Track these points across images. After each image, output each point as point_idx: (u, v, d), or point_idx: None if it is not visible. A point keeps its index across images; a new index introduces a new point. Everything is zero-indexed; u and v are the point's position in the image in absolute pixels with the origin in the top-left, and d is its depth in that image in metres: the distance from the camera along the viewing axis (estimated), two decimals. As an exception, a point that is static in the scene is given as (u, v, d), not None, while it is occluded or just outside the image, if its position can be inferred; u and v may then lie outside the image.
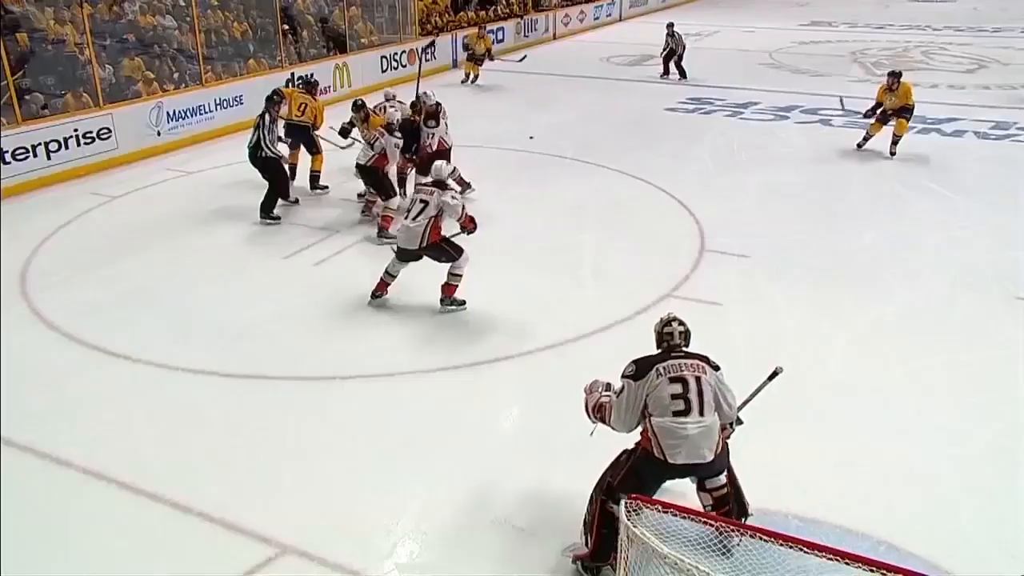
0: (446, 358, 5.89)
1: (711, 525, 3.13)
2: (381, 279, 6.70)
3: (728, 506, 3.86)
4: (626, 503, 3.08)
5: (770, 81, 16.00)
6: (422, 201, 6.37)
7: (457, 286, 6.55)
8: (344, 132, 9.33)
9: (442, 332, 6.31)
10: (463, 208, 6.45)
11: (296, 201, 9.02)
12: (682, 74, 16.26)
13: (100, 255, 7.75)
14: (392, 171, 8.89)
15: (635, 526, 2.98)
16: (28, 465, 4.70)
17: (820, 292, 6.93)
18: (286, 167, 8.73)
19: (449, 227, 6.54)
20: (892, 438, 4.95)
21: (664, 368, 3.74)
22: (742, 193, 9.49)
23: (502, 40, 19.47)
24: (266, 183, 8.52)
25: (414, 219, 6.35)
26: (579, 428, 5.00)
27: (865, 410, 5.23)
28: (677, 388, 3.69)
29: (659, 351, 3.88)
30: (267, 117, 8.30)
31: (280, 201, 8.65)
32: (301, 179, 9.58)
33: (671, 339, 3.87)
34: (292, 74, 13.42)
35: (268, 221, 8.49)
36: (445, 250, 6.45)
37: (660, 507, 3.19)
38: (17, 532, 4.18)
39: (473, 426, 5.13)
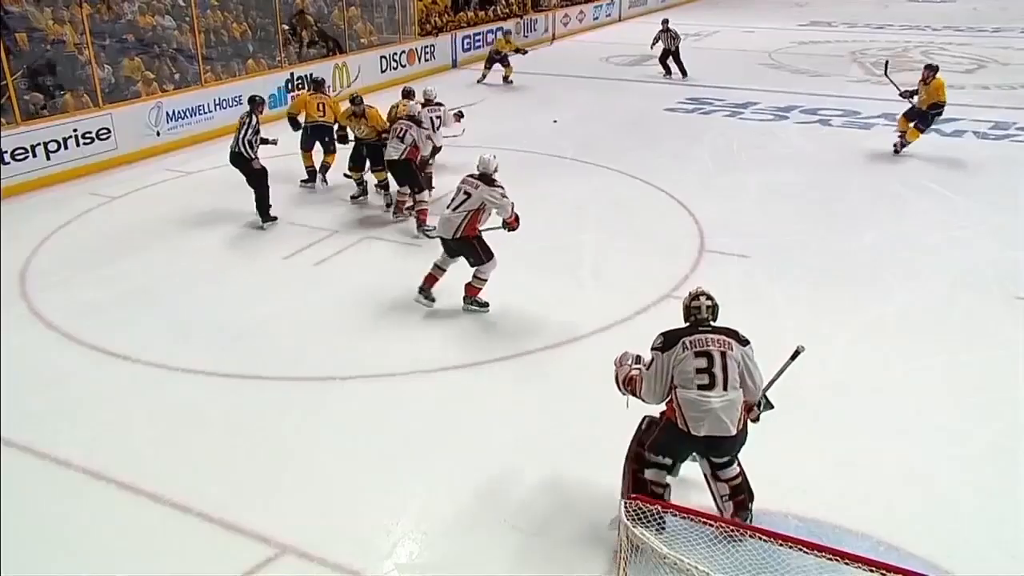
0: (446, 358, 5.89)
1: (711, 525, 3.14)
2: (430, 272, 6.61)
3: (743, 495, 3.97)
4: (625, 503, 3.09)
5: (769, 81, 16.00)
6: (465, 193, 6.30)
7: (480, 289, 6.51)
8: (342, 139, 9.35)
9: (442, 332, 6.31)
10: (513, 206, 6.35)
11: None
12: (683, 72, 16.27)
13: (99, 255, 7.75)
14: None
15: (635, 526, 2.99)
16: (28, 465, 4.69)
17: (820, 292, 6.93)
18: (265, 168, 8.47)
19: (488, 222, 6.46)
20: (892, 438, 4.95)
21: (690, 342, 3.83)
22: (742, 193, 9.49)
23: (501, 40, 19.47)
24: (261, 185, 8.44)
25: (454, 209, 6.29)
26: (580, 428, 5.03)
27: (865, 410, 5.23)
28: (702, 362, 3.77)
29: (687, 324, 3.96)
30: (253, 119, 8.18)
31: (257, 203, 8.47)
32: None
33: (699, 313, 3.95)
34: (292, 74, 13.43)
35: (269, 223, 8.45)
36: (476, 250, 6.37)
37: (660, 507, 3.20)
38: (17, 532, 4.18)
39: (473, 426, 5.13)
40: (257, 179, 8.34)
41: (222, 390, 5.54)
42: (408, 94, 9.87)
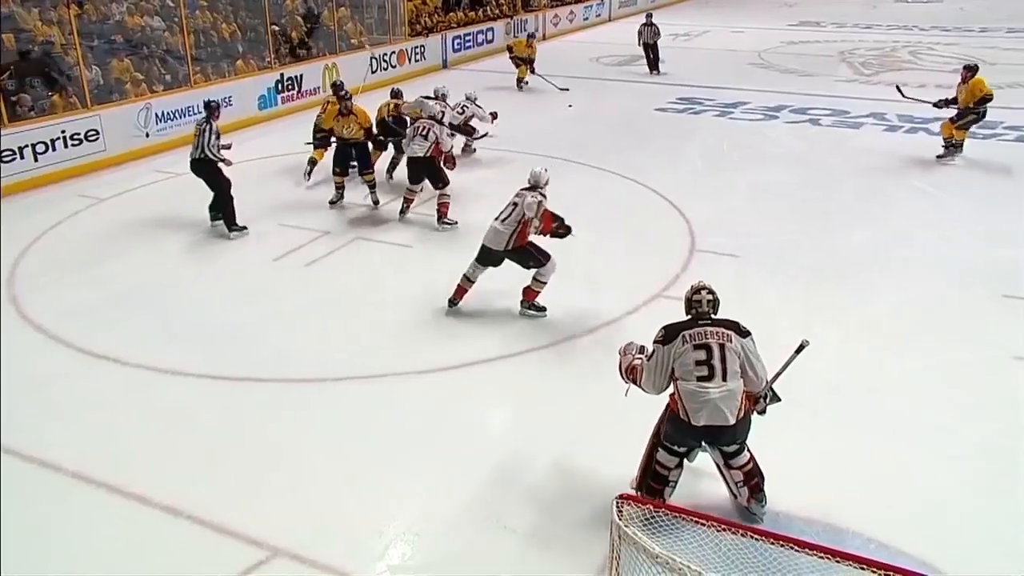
0: (438, 359, 5.87)
1: (703, 524, 3.14)
2: (459, 285, 6.51)
3: (757, 478, 4.09)
4: (617, 502, 3.09)
5: (759, 81, 16.05)
6: (513, 204, 6.28)
7: (539, 292, 6.43)
8: (324, 142, 9.34)
9: (434, 333, 6.30)
10: (539, 207, 6.17)
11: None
12: (654, 67, 16.58)
13: (88, 257, 7.71)
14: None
15: (627, 526, 2.99)
16: (16, 469, 4.66)
17: (812, 291, 6.95)
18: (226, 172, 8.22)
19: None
20: (885, 437, 4.97)
21: (690, 335, 3.93)
22: (732, 193, 9.52)
23: (492, 41, 19.46)
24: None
25: (503, 221, 6.25)
26: (573, 428, 5.03)
27: (858, 409, 5.25)
28: (701, 355, 3.88)
29: (688, 318, 4.06)
30: (212, 124, 7.97)
31: (214, 208, 8.28)
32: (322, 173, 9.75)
33: (699, 306, 4.05)
34: (281, 75, 13.38)
35: (236, 232, 8.20)
36: (532, 255, 6.30)
37: (652, 507, 3.20)
38: (6, 537, 4.14)
39: (465, 428, 5.13)
40: (223, 184, 8.13)
41: (212, 392, 5.51)
42: (396, 95, 9.86)
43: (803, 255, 7.71)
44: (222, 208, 8.20)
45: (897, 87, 11.74)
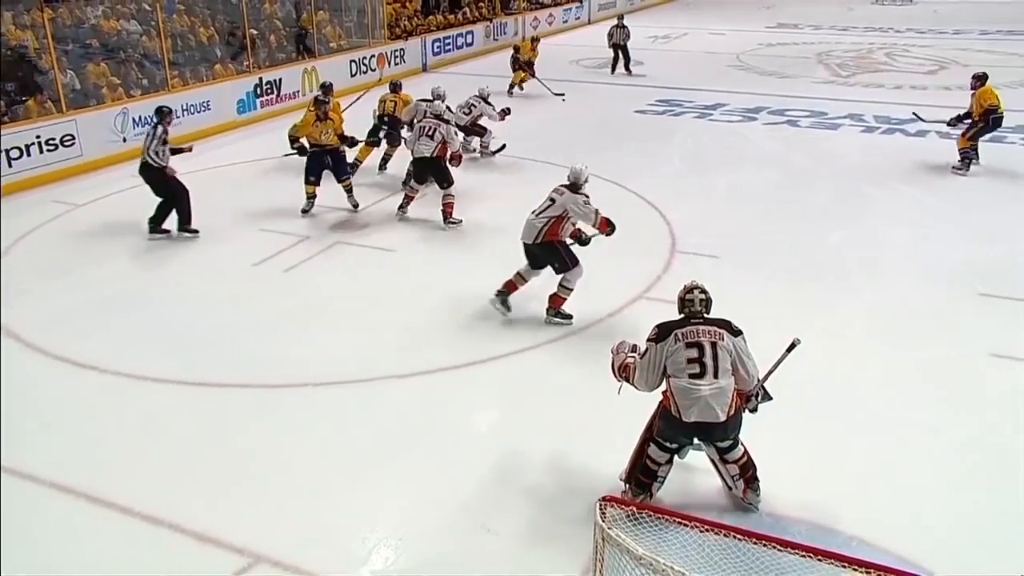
0: (420, 362, 5.85)
1: (686, 525, 3.15)
2: (511, 279, 6.49)
3: (751, 471, 4.18)
4: (600, 504, 3.10)
5: (738, 83, 16.16)
6: (550, 199, 6.28)
7: (565, 299, 6.38)
8: (302, 150, 9.29)
9: (415, 337, 6.27)
10: (596, 215, 6.20)
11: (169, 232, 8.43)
12: (617, 66, 16.96)
13: (64, 264, 7.62)
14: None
15: (610, 527, 2.99)
16: (-8, 479, 4.60)
17: (791, 291, 7.00)
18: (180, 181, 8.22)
19: (569, 233, 6.34)
20: (865, 434, 5.01)
21: (682, 334, 4.03)
22: (712, 194, 9.58)
23: (472, 44, 19.46)
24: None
25: (537, 215, 6.27)
26: (557, 431, 5.03)
27: (838, 407, 5.28)
28: (693, 353, 3.98)
29: (680, 317, 4.14)
30: (159, 129, 7.93)
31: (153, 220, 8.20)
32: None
33: (692, 306, 4.14)
34: (260, 79, 13.31)
35: (189, 233, 8.13)
36: (560, 255, 6.29)
37: (636, 508, 3.21)
38: (-18, 548, 4.08)
39: (448, 431, 5.11)
40: (171, 188, 8.04)
41: (192, 399, 5.46)
42: (396, 88, 9.82)
43: (783, 255, 7.76)
44: (177, 209, 8.12)
45: (914, 113, 11.63)
